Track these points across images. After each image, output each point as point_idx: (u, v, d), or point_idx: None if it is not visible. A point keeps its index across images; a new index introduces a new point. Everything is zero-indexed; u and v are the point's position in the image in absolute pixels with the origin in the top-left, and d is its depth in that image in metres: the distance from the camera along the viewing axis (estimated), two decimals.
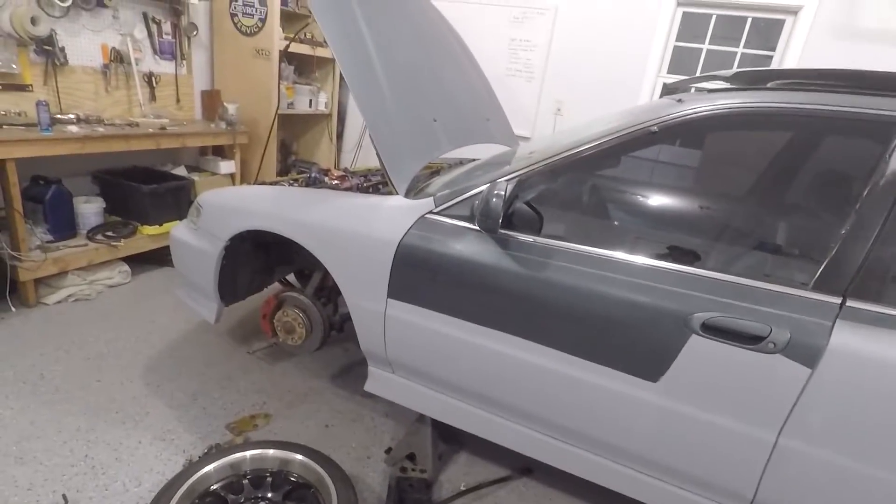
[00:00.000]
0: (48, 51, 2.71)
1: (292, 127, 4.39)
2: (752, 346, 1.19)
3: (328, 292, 2.17)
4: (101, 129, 2.71)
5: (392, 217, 1.60)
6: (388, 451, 1.89)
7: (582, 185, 1.72)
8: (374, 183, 2.41)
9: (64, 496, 1.55)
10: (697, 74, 2.67)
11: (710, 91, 1.51)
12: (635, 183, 1.79)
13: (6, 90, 2.63)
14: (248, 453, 1.57)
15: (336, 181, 2.28)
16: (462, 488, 1.78)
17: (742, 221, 1.60)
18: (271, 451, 1.58)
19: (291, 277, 2.54)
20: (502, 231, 1.45)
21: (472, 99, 2.43)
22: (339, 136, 4.45)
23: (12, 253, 2.43)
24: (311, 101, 3.96)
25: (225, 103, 3.40)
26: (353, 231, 1.63)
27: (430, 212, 1.57)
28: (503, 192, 1.34)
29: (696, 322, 1.24)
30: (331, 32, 1.60)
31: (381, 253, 1.58)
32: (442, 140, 1.92)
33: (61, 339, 2.35)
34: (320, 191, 1.89)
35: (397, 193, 1.65)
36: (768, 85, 1.43)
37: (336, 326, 2.02)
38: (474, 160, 2.42)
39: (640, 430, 1.37)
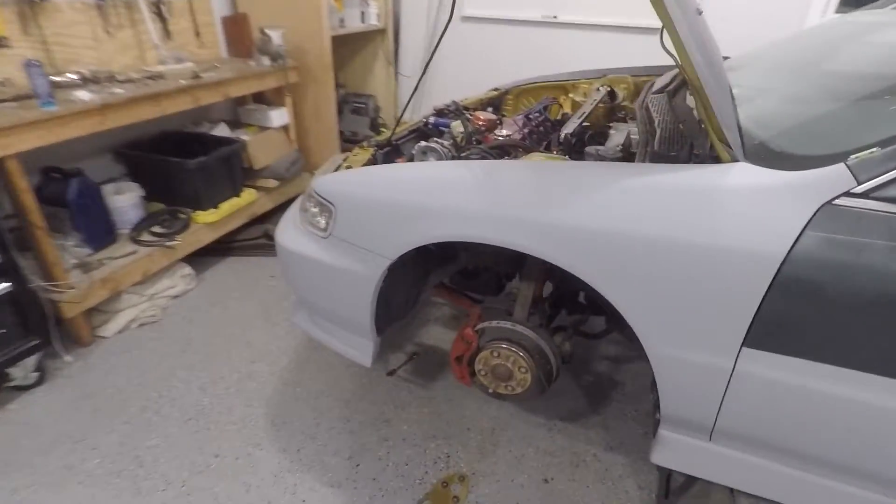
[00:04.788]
0: None
1: (337, 51, 3.46)
2: None
3: (541, 305, 1.44)
4: (119, 91, 1.91)
5: (756, 207, 0.86)
6: None
7: None
8: (540, 122, 1.65)
9: None
10: None
11: None
12: None
13: None
14: None
15: (502, 133, 1.50)
16: None
17: None
18: None
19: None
20: None
21: None
22: (395, 57, 3.53)
23: (45, 285, 1.74)
24: (362, 13, 3.02)
25: (266, 30, 2.51)
26: (673, 238, 0.90)
27: (848, 192, 0.82)
28: None
29: None
30: None
31: (740, 276, 0.87)
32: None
33: (139, 392, 1.72)
34: (578, 166, 1.11)
35: (733, 159, 0.91)
36: None
37: (567, 358, 1.34)
38: None
39: None
